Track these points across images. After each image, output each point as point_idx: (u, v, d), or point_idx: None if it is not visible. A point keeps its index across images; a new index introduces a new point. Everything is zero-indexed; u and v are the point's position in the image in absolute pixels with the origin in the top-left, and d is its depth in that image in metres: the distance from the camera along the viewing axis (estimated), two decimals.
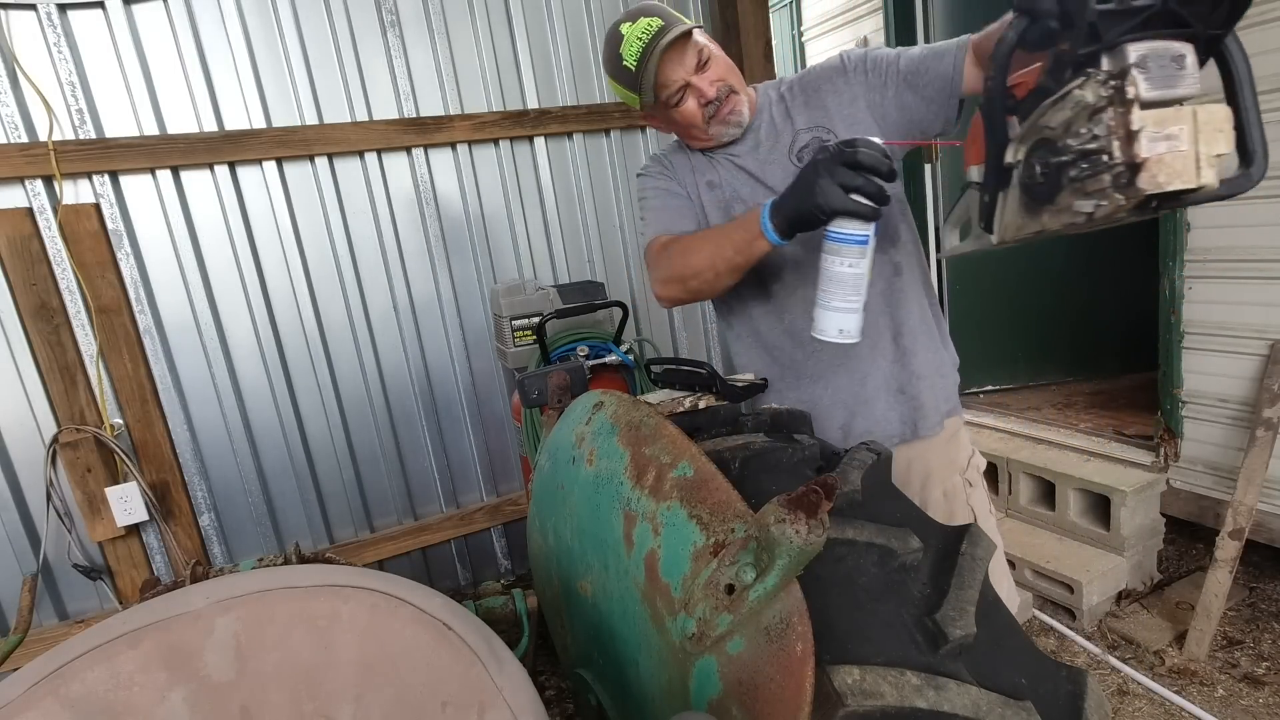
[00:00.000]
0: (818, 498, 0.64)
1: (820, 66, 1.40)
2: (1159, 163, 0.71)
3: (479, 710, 0.65)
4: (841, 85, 1.34)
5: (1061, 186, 0.79)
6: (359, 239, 2.69)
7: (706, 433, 1.05)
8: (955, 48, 1.25)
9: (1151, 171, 0.71)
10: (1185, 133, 0.72)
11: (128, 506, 2.35)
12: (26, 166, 2.18)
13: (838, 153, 1.01)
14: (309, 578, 0.72)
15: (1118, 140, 0.72)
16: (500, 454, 3.00)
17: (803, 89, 1.39)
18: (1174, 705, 2.01)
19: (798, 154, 1.35)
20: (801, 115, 1.37)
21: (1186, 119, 0.72)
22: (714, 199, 1.42)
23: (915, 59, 1.28)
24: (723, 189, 1.41)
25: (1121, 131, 0.72)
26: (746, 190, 1.39)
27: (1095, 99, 0.74)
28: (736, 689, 0.69)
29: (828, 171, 1.01)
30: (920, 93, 1.28)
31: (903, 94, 1.29)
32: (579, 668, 1.05)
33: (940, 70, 1.25)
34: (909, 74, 1.28)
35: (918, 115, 1.29)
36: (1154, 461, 2.54)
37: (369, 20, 2.60)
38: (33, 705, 0.60)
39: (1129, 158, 0.71)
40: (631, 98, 1.33)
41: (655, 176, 1.48)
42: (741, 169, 1.40)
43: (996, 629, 0.79)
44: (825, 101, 1.35)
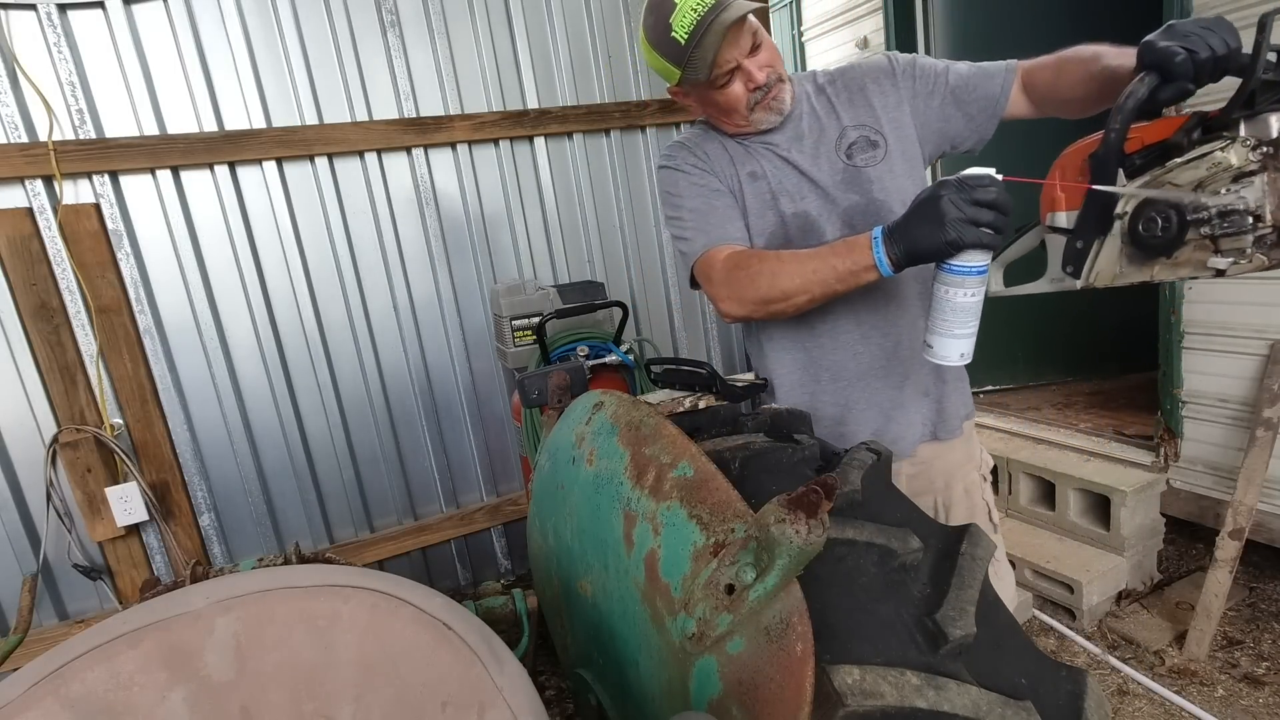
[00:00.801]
0: (818, 498, 0.64)
1: (865, 64, 1.37)
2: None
3: (479, 710, 0.65)
4: (888, 87, 1.32)
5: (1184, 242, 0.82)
6: (359, 239, 2.69)
7: (706, 433, 1.05)
8: (1004, 70, 1.27)
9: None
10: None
11: (128, 506, 2.35)
12: (26, 166, 2.18)
13: (964, 187, 0.99)
14: (309, 578, 0.72)
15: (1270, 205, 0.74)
16: (500, 454, 3.00)
17: (846, 85, 1.35)
18: (1174, 705, 2.01)
19: (846, 151, 1.32)
20: (847, 112, 1.34)
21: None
22: (756, 191, 1.34)
23: (964, 75, 1.29)
24: (767, 180, 1.34)
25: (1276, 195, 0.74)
26: (792, 184, 1.33)
27: (1242, 162, 0.76)
28: (736, 689, 0.69)
29: (956, 206, 0.98)
30: (964, 109, 1.30)
31: (947, 106, 1.31)
32: (579, 668, 1.05)
33: (988, 91, 1.27)
34: (957, 89, 1.29)
35: (955, 129, 1.32)
36: (1154, 461, 2.54)
37: (369, 20, 2.60)
38: (33, 705, 0.60)
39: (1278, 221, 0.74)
40: (670, 71, 1.24)
41: (690, 170, 1.36)
42: (786, 161, 1.33)
43: (996, 629, 0.79)
44: (871, 101, 1.33)
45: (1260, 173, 0.75)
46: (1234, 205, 0.77)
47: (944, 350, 1.09)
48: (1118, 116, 0.85)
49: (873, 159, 1.31)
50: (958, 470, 1.43)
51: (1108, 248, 0.91)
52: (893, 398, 1.35)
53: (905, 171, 1.33)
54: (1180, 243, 0.83)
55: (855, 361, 1.35)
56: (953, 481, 1.42)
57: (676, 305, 3.24)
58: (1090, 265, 0.94)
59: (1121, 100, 0.85)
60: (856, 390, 1.36)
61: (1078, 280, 0.96)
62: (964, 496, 1.43)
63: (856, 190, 1.31)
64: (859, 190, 1.31)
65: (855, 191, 1.31)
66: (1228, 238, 0.78)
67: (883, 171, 1.31)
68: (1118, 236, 0.90)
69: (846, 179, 1.32)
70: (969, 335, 1.08)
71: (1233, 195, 0.77)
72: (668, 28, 1.19)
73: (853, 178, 1.31)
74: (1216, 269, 0.80)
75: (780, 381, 1.41)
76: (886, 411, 1.36)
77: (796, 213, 1.33)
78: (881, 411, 1.36)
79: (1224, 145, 0.78)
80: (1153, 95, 0.84)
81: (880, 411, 1.36)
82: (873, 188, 1.31)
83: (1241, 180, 0.76)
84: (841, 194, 1.32)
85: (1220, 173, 0.78)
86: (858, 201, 1.31)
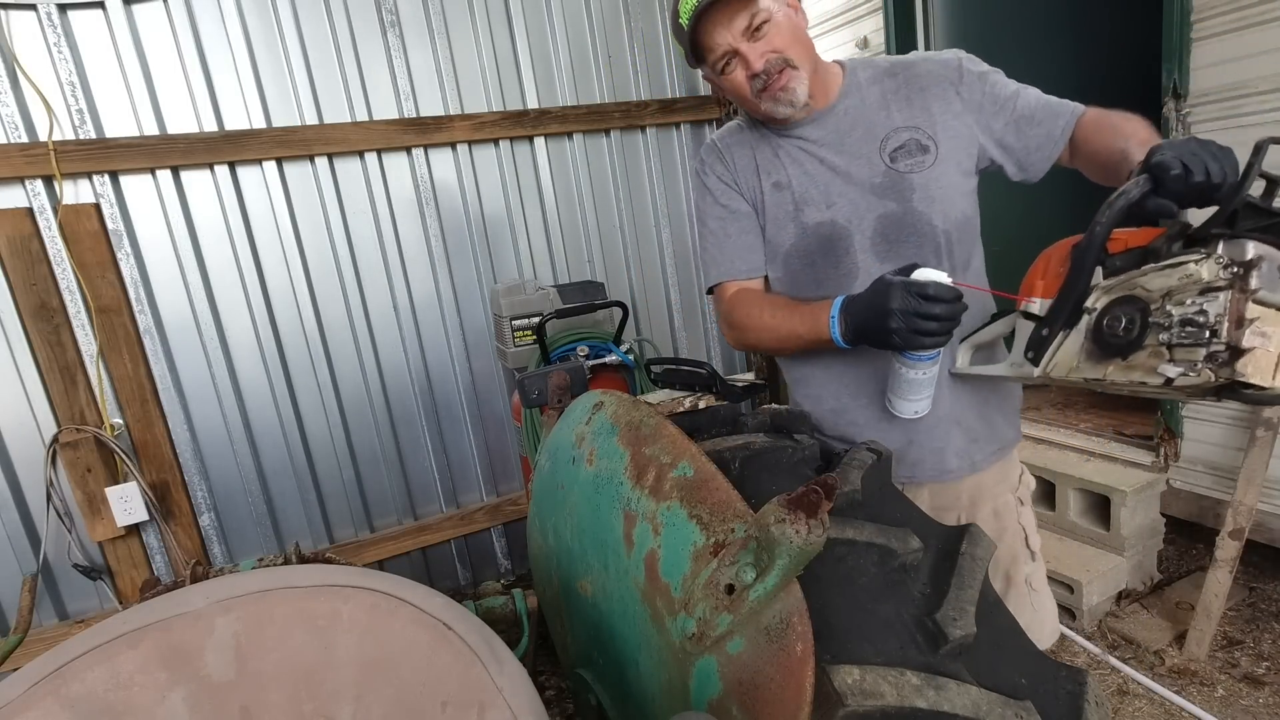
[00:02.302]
0: (818, 498, 0.64)
1: (930, 62, 1.28)
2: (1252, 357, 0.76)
3: (479, 710, 0.65)
4: (951, 95, 1.24)
5: (1142, 346, 0.84)
6: (359, 239, 2.69)
7: (706, 433, 1.05)
8: (1070, 113, 1.22)
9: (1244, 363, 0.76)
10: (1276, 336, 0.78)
11: (128, 506, 2.35)
12: (26, 166, 2.18)
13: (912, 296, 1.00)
14: (309, 578, 0.72)
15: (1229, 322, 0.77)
16: (500, 454, 3.00)
17: (907, 80, 1.26)
18: (1174, 705, 2.01)
19: (890, 153, 1.24)
20: (902, 110, 1.25)
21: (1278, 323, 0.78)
22: (779, 202, 1.30)
23: (1033, 105, 1.23)
24: (791, 189, 1.28)
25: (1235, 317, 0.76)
26: (819, 189, 1.26)
27: (1212, 277, 0.78)
28: (736, 689, 0.69)
29: (901, 317, 1.00)
30: (1023, 138, 1.24)
31: (1007, 133, 1.24)
32: (579, 668, 1.05)
33: (1051, 130, 1.22)
34: (1023, 118, 1.23)
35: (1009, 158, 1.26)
36: (1154, 461, 2.54)
37: (369, 20, 2.59)
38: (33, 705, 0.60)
39: (1234, 341, 0.76)
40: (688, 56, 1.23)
41: (714, 188, 1.35)
42: (821, 161, 1.26)
43: (996, 629, 0.79)
44: (930, 104, 1.24)
45: (1226, 290, 0.78)
46: (1194, 317, 0.79)
47: (902, 409, 1.18)
48: (1105, 212, 0.87)
49: (919, 164, 1.22)
50: (987, 491, 1.36)
51: (1071, 340, 0.94)
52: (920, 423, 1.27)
53: (954, 183, 1.24)
54: (1138, 346, 0.85)
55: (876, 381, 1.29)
56: (980, 501, 1.35)
57: (676, 305, 3.24)
58: (1051, 355, 0.96)
59: (1113, 198, 0.87)
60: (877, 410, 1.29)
61: (1035, 369, 0.99)
62: (992, 518, 1.35)
63: (894, 197, 1.23)
64: (897, 197, 1.23)
65: (892, 198, 1.23)
66: (1182, 348, 0.80)
67: (929, 179, 1.22)
68: (1082, 331, 0.92)
69: (886, 183, 1.24)
70: (922, 399, 1.16)
71: (1195, 307, 0.79)
72: (676, 13, 1.19)
73: (893, 183, 1.23)
74: (1166, 376, 0.81)
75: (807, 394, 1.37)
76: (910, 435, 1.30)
77: (821, 222, 1.26)
78: (905, 432, 1.29)
79: (1198, 259, 0.80)
80: (1142, 200, 0.85)
81: (903, 432, 1.29)
82: (914, 196, 1.23)
83: (1207, 295, 0.79)
84: (877, 199, 1.24)
85: (1190, 285, 0.80)
86: (894, 210, 1.23)
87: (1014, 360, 1.05)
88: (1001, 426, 1.36)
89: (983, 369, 1.18)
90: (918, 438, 1.30)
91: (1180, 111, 2.26)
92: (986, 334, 1.22)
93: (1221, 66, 2.16)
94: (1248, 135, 2.11)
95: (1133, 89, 2.66)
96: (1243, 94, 2.12)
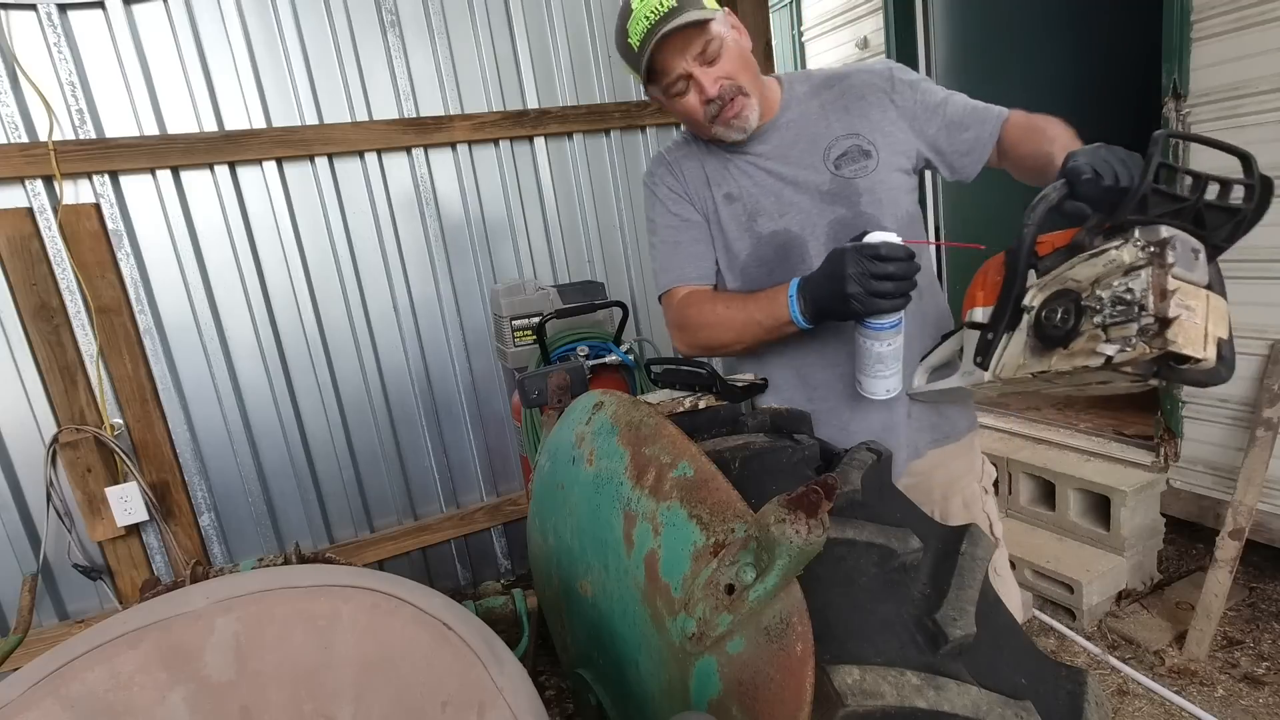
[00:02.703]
0: (818, 498, 0.64)
1: (862, 74, 1.34)
2: (1180, 326, 0.82)
3: (479, 710, 0.65)
4: (886, 103, 1.30)
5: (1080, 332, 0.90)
6: (359, 239, 2.69)
7: (706, 433, 1.05)
8: (997, 116, 1.28)
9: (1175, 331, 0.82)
10: (1200, 309, 0.85)
11: (128, 506, 2.35)
12: (26, 166, 2.18)
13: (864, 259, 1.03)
14: (309, 578, 0.72)
15: (1153, 295, 0.84)
16: (500, 454, 3.00)
17: (842, 91, 1.32)
18: (1174, 705, 2.01)
19: (835, 161, 1.29)
20: (840, 119, 1.30)
21: (1202, 299, 0.86)
22: (733, 214, 1.33)
23: (961, 109, 1.30)
24: (743, 202, 1.32)
25: (1158, 290, 0.83)
26: (771, 199, 1.31)
27: (1133, 259, 0.86)
28: (736, 689, 0.69)
29: (857, 280, 1.04)
30: (954, 143, 1.30)
31: (940, 137, 1.30)
32: (579, 668, 1.05)
33: (980, 134, 1.28)
34: (953, 122, 1.29)
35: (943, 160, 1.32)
36: (1154, 461, 2.54)
37: (369, 20, 2.59)
38: (33, 705, 0.60)
39: (1160, 313, 0.83)
40: (637, 76, 1.26)
41: (665, 198, 1.37)
42: (769, 173, 1.31)
43: (996, 629, 0.79)
44: (868, 113, 1.30)
45: (1146, 267, 0.85)
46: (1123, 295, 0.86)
47: (872, 388, 1.20)
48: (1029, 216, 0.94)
49: (863, 169, 1.28)
50: (957, 482, 1.41)
51: (1015, 340, 1.00)
52: (884, 419, 1.32)
53: (898, 184, 1.30)
54: (1076, 333, 0.91)
55: (844, 382, 1.32)
56: (951, 494, 1.40)
57: None
58: (998, 357, 1.02)
59: (1033, 203, 0.94)
60: (847, 410, 1.32)
61: (985, 373, 1.05)
62: (963, 510, 1.40)
63: (843, 203, 1.28)
64: (846, 203, 1.28)
65: (842, 204, 1.28)
66: (1116, 326, 0.87)
67: (874, 182, 1.28)
68: (1024, 330, 0.99)
69: (835, 189, 1.28)
70: (892, 374, 1.18)
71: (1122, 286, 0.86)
72: (625, 33, 1.20)
73: (840, 189, 1.28)
74: (1106, 355, 0.87)
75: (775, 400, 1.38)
76: (877, 433, 1.32)
77: (776, 231, 1.31)
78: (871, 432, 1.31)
79: (1118, 245, 0.88)
80: (1060, 203, 0.92)
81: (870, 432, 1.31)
82: (862, 200, 1.28)
83: (1130, 274, 0.86)
84: (827, 206, 1.29)
85: (1114, 269, 0.88)
86: (844, 214, 1.28)
87: (965, 369, 1.11)
88: (954, 415, 1.40)
89: (938, 384, 1.23)
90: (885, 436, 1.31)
91: (1180, 111, 2.26)
92: (939, 354, 1.27)
93: (1221, 66, 2.16)
94: (1248, 135, 2.13)
95: (1133, 89, 2.67)
96: (1243, 94, 2.13)
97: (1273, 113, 2.08)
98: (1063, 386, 1.00)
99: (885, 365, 1.16)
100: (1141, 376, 0.87)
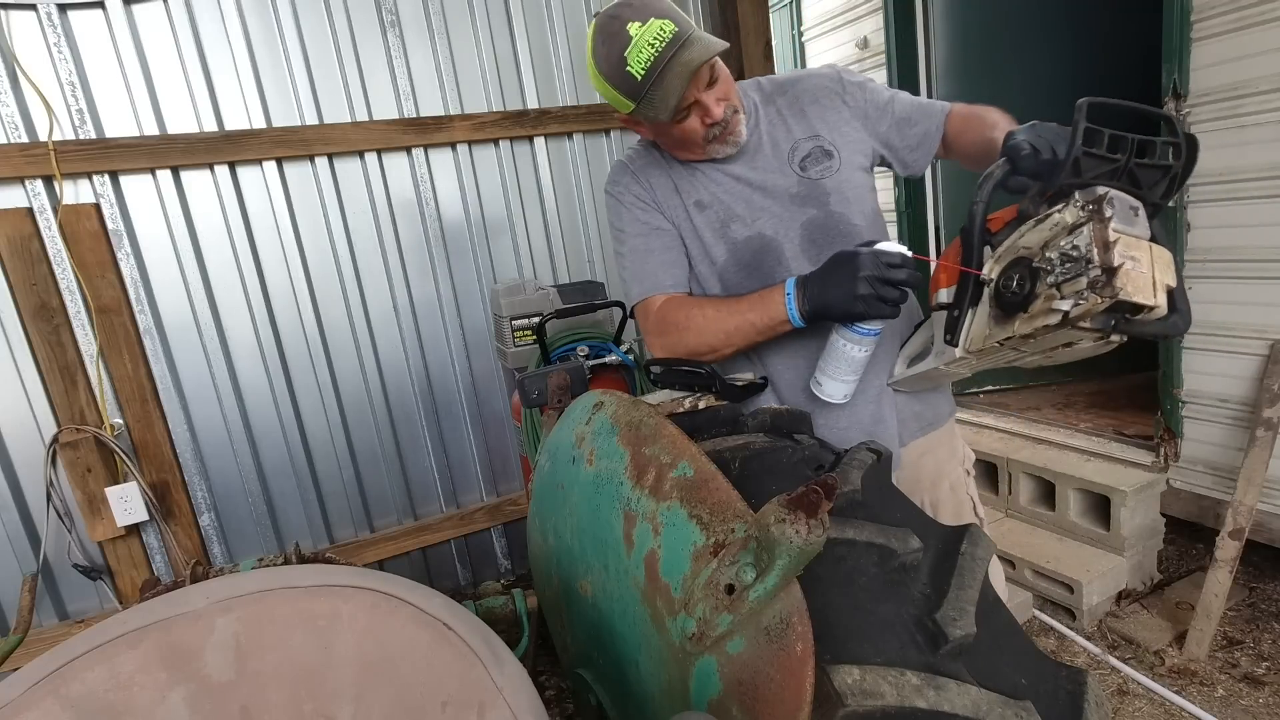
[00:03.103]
0: (818, 498, 0.64)
1: (812, 78, 1.37)
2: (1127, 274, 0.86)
3: (479, 710, 0.65)
4: (839, 104, 1.34)
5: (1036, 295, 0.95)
6: (359, 239, 2.69)
7: (706, 433, 1.05)
8: (941, 110, 1.34)
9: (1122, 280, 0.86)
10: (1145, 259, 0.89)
11: (128, 506, 2.35)
12: (26, 166, 2.18)
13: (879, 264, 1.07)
14: (309, 578, 0.72)
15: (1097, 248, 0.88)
16: (500, 454, 3.00)
17: (796, 96, 1.35)
18: (1174, 705, 2.01)
19: (800, 163, 1.31)
20: (799, 124, 1.34)
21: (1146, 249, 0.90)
22: (707, 221, 1.33)
23: (908, 106, 1.35)
24: (715, 209, 1.33)
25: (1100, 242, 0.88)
26: (742, 205, 1.32)
27: (1075, 219, 0.91)
28: (736, 689, 0.69)
29: (869, 283, 1.07)
30: (904, 138, 1.35)
31: (889, 132, 1.35)
32: (579, 668, 1.05)
33: (927, 128, 1.34)
34: (902, 119, 1.34)
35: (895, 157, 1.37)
36: (1154, 461, 2.54)
37: (369, 20, 2.59)
38: (33, 705, 0.60)
39: (1105, 263, 0.87)
40: (622, 104, 1.20)
41: (631, 206, 1.36)
42: (737, 180, 1.32)
43: (996, 629, 0.79)
44: (825, 115, 1.34)
45: (1088, 224, 0.89)
46: (1069, 252, 0.91)
47: (831, 390, 1.23)
48: (977, 194, 1.00)
49: (828, 170, 1.31)
50: (944, 466, 1.44)
51: (979, 314, 1.05)
52: (872, 413, 1.34)
53: (861, 182, 1.34)
54: (1033, 296, 0.95)
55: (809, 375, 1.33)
56: (939, 479, 1.43)
57: None
58: (966, 331, 1.08)
59: (980, 180, 1.00)
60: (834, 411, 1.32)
61: (956, 348, 1.10)
62: (950, 494, 1.44)
63: (814, 204, 1.31)
64: (816, 203, 1.31)
65: (812, 205, 1.31)
66: (1068, 282, 0.91)
67: (839, 182, 1.31)
68: (985, 303, 1.04)
69: (803, 192, 1.31)
70: (854, 380, 1.22)
71: (1069, 244, 0.91)
72: (622, 61, 1.15)
73: (809, 190, 1.31)
74: (1062, 311, 0.91)
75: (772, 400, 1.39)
76: (867, 428, 1.34)
77: (751, 236, 1.31)
78: (863, 429, 1.33)
79: (1061, 208, 0.93)
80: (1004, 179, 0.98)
81: (861, 429, 1.33)
82: (830, 199, 1.30)
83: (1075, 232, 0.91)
84: (799, 208, 1.31)
85: (1060, 231, 0.93)
86: (815, 215, 1.30)
87: (938, 349, 1.16)
88: (936, 402, 1.43)
89: (916, 369, 1.27)
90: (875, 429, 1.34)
91: (1180, 111, 2.26)
92: (914, 343, 1.31)
93: (1221, 66, 2.16)
94: (1248, 135, 2.13)
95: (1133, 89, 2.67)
96: (1243, 94, 2.13)
97: (1273, 113, 2.08)
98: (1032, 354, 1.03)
99: (852, 371, 1.20)
100: (1101, 332, 0.90)
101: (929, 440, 1.41)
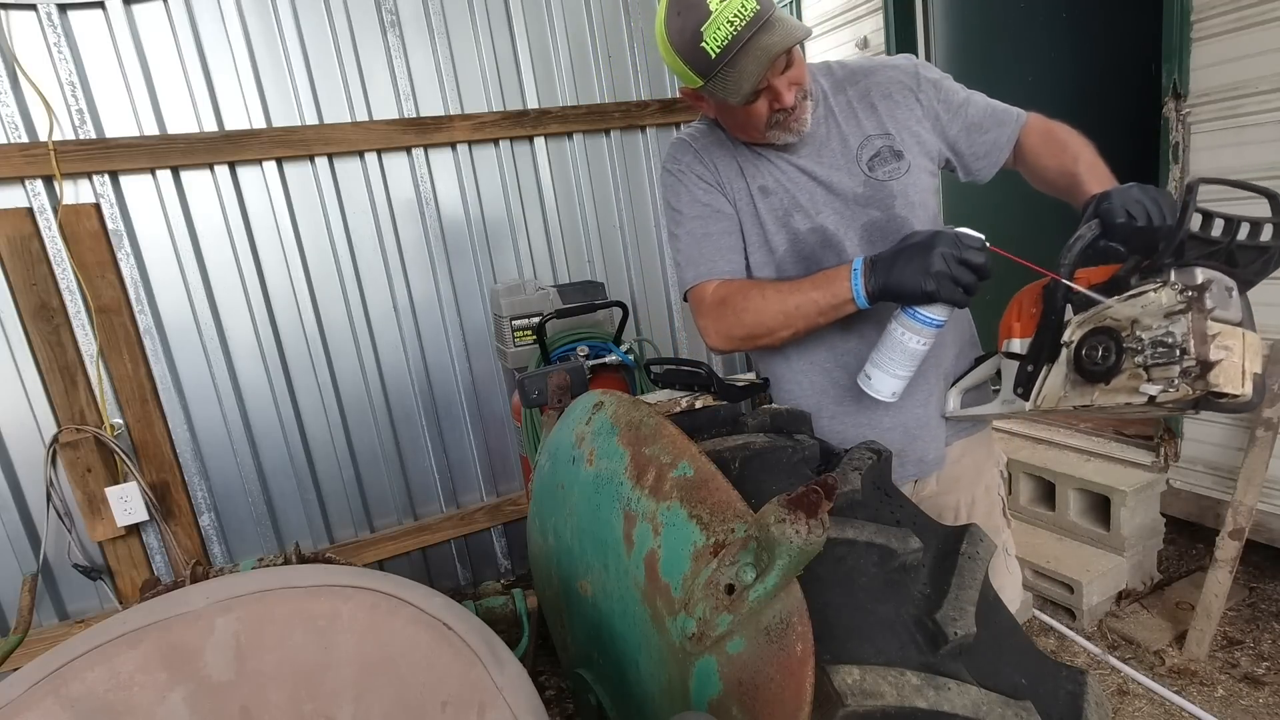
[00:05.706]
0: (818, 498, 0.64)
1: (887, 70, 1.30)
2: (1221, 368, 0.85)
3: (479, 710, 0.65)
4: (912, 100, 1.28)
5: (1121, 370, 0.93)
6: (359, 239, 2.69)
7: (706, 433, 1.05)
8: (1015, 119, 1.27)
9: (1216, 373, 0.85)
10: (1237, 348, 0.87)
11: (128, 506, 2.35)
12: (26, 166, 2.18)
13: (958, 245, 1.02)
14: (309, 578, 0.72)
15: (1194, 340, 0.86)
16: (500, 454, 3.00)
17: (867, 89, 1.28)
18: (1174, 705, 2.01)
19: (868, 162, 1.26)
20: (870, 118, 1.28)
21: (1239, 337, 0.88)
22: (770, 208, 1.28)
23: (982, 111, 1.28)
24: (779, 195, 1.28)
25: (1198, 334, 0.86)
26: (805, 197, 1.27)
27: (1171, 303, 0.88)
28: (736, 689, 0.69)
29: (946, 261, 1.01)
30: (973, 145, 1.29)
31: (959, 137, 1.29)
32: (579, 668, 1.05)
33: (998, 138, 1.27)
34: (973, 124, 1.28)
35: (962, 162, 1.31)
36: (1154, 461, 2.54)
37: (369, 20, 2.59)
38: (33, 705, 0.60)
39: (1202, 356, 0.85)
40: (690, 78, 1.14)
41: (692, 185, 1.30)
42: (802, 171, 1.27)
43: (996, 629, 0.79)
44: (895, 112, 1.28)
45: (1186, 312, 0.86)
46: (1163, 339, 0.88)
47: (880, 385, 1.16)
48: (1066, 255, 0.97)
49: (896, 171, 1.26)
50: (983, 466, 1.44)
51: (1055, 373, 1.02)
52: (918, 417, 1.31)
53: (926, 185, 1.29)
54: (1118, 370, 0.93)
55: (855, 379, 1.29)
56: (978, 479, 1.42)
57: (676, 305, 3.24)
58: (1039, 388, 1.04)
59: (1071, 242, 0.97)
60: (879, 412, 1.30)
61: (1027, 403, 1.06)
62: (985, 494, 1.44)
63: (877, 206, 1.26)
64: (880, 206, 1.26)
65: (876, 207, 1.26)
66: (1158, 367, 0.88)
67: (906, 185, 1.26)
68: (1064, 364, 1.00)
69: (868, 193, 1.26)
70: (907, 377, 1.15)
71: (1162, 330, 0.88)
72: (698, 35, 1.08)
73: (874, 191, 1.26)
74: (1149, 395, 0.89)
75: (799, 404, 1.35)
76: (912, 431, 1.31)
77: (814, 228, 1.27)
78: (906, 431, 1.31)
79: (1156, 287, 0.90)
80: (1094, 243, 0.96)
81: (905, 431, 1.31)
82: (895, 203, 1.26)
83: (1170, 318, 0.88)
84: (860, 209, 1.26)
85: (1153, 310, 0.90)
86: (878, 218, 1.26)
87: (1005, 398, 1.13)
88: None
89: (976, 410, 1.25)
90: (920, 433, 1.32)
91: (1180, 111, 2.26)
92: (974, 377, 1.29)
93: (1221, 66, 2.16)
94: (1248, 135, 2.13)
95: (1133, 89, 2.67)
96: (1243, 94, 2.12)
97: (1273, 113, 2.08)
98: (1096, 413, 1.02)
99: (909, 364, 1.13)
100: (1181, 409, 0.90)
101: (972, 441, 1.41)
